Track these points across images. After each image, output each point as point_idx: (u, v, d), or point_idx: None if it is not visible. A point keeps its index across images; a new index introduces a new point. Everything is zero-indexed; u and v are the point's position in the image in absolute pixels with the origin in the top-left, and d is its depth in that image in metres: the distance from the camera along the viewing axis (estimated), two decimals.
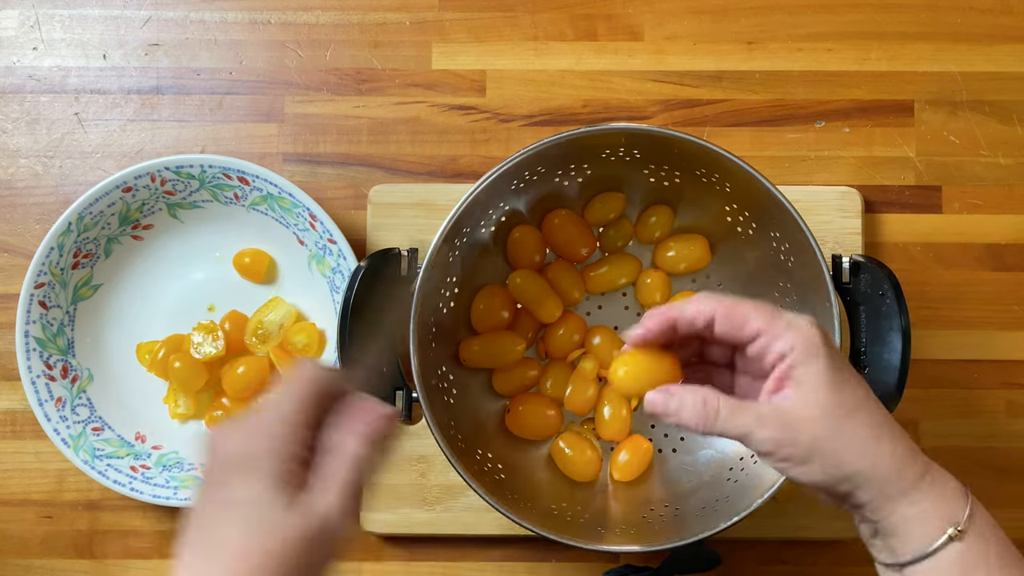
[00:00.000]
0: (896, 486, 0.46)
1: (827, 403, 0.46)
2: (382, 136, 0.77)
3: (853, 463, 0.46)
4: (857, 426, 0.46)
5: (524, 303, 0.71)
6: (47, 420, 0.70)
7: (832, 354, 0.47)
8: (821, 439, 0.46)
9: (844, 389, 0.47)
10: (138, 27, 0.78)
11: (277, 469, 0.43)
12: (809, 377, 0.46)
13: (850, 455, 0.46)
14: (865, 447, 0.46)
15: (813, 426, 0.46)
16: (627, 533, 0.63)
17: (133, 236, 0.75)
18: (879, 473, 0.46)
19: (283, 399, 0.45)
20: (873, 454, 0.46)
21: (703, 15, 0.78)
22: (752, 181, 0.61)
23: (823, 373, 0.46)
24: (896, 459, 0.46)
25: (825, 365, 0.46)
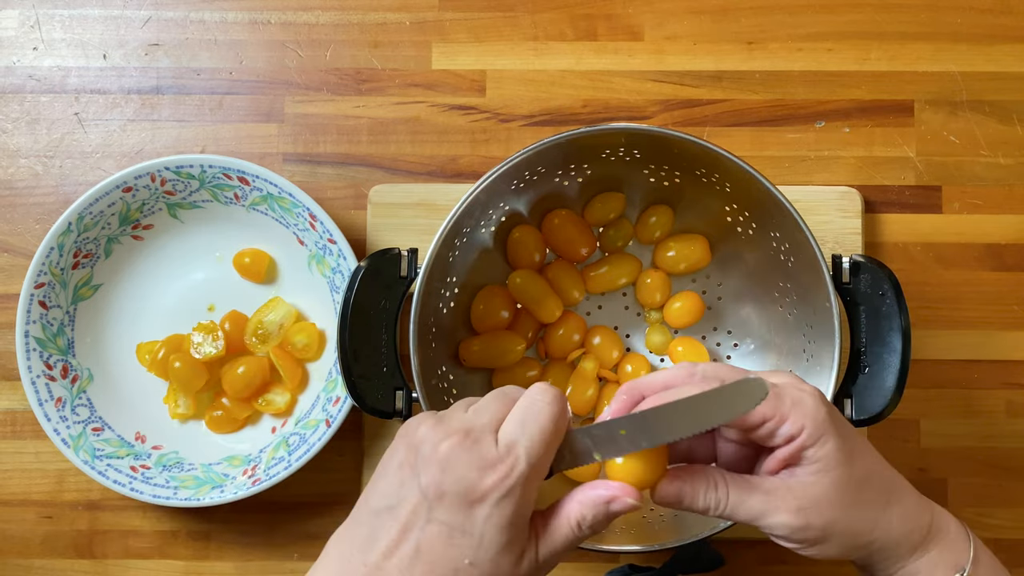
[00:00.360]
0: (906, 545, 0.47)
1: (840, 482, 0.45)
2: (382, 136, 0.77)
3: (867, 535, 0.46)
4: (869, 498, 0.46)
5: (524, 303, 0.71)
6: (47, 420, 0.70)
7: (840, 428, 0.46)
8: (836, 520, 0.45)
9: (854, 462, 0.46)
10: (138, 27, 0.78)
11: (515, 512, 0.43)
12: (821, 455, 0.45)
13: (864, 529, 0.46)
14: (878, 518, 0.46)
15: (829, 509, 0.45)
16: (627, 533, 0.63)
17: (133, 236, 0.75)
18: (892, 539, 0.46)
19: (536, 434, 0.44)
20: (887, 523, 0.46)
21: (703, 15, 0.78)
22: (752, 181, 0.61)
23: (834, 453, 0.45)
24: (907, 520, 0.47)
25: (836, 444, 0.45)
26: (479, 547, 0.43)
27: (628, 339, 0.74)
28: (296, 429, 0.72)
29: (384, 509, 0.44)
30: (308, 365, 0.75)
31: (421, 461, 0.44)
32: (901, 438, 0.75)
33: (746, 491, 0.46)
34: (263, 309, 0.74)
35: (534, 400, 0.45)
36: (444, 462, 0.43)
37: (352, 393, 0.62)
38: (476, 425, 0.45)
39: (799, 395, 0.46)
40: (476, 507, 0.43)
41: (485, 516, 0.43)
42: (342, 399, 0.70)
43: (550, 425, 0.45)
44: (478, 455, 0.43)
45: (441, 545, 0.43)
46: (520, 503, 0.43)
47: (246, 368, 0.73)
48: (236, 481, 0.71)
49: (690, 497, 0.46)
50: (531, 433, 0.44)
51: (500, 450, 0.44)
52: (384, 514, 0.44)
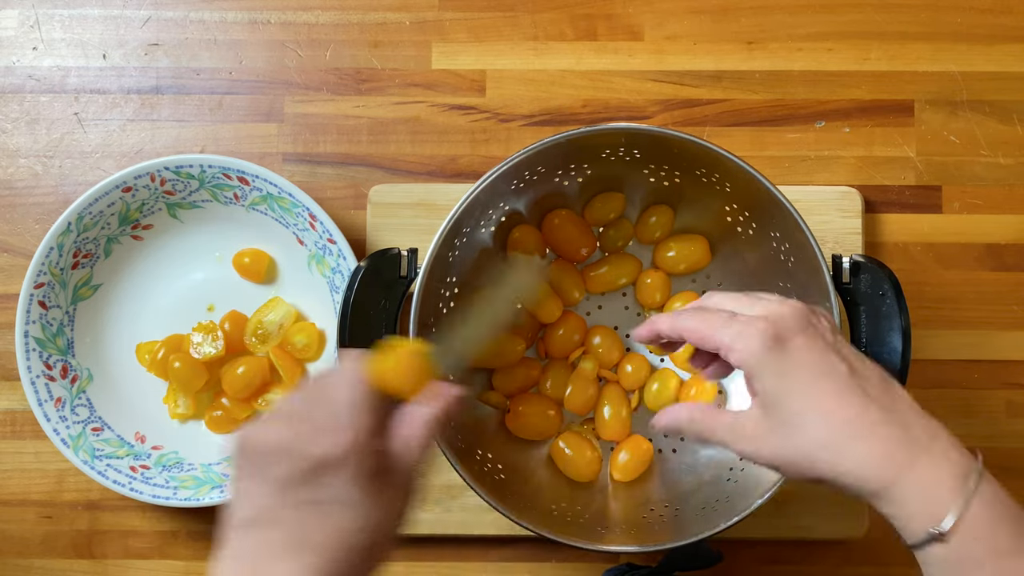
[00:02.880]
0: (866, 488, 0.46)
1: (779, 417, 0.47)
2: (382, 136, 0.77)
3: (814, 471, 0.47)
4: (812, 437, 0.46)
5: (524, 303, 0.71)
6: (47, 420, 0.70)
7: (780, 362, 0.47)
8: (778, 452, 0.48)
9: (796, 400, 0.47)
10: (138, 27, 0.78)
11: (363, 469, 0.45)
12: (760, 389, 0.48)
13: (808, 465, 0.47)
14: (821, 458, 0.46)
15: (769, 441, 0.48)
16: (627, 533, 0.63)
17: (133, 236, 0.75)
18: (843, 481, 0.46)
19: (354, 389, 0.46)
20: (831, 465, 0.46)
21: (703, 15, 0.78)
22: (752, 181, 0.61)
23: (770, 388, 0.47)
24: (863, 465, 0.46)
25: (772, 380, 0.47)
26: (348, 508, 0.45)
27: (628, 339, 0.74)
28: None
29: (248, 521, 0.45)
30: (308, 365, 0.75)
31: (258, 459, 0.46)
32: None
33: (713, 424, 0.50)
34: (263, 309, 0.74)
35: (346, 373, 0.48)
36: (277, 450, 0.45)
37: None
38: (295, 411, 0.47)
39: (744, 328, 0.48)
40: (325, 475, 0.44)
41: (339, 481, 0.44)
42: None
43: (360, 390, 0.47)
44: (305, 433, 0.45)
45: (316, 522, 0.44)
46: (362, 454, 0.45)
47: (246, 368, 0.73)
48: None
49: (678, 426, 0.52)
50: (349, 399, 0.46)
51: (323, 421, 0.46)
52: (249, 526, 0.45)
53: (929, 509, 0.45)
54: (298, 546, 0.44)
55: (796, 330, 0.48)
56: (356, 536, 0.45)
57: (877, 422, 0.46)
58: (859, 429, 0.46)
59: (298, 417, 0.46)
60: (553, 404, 0.71)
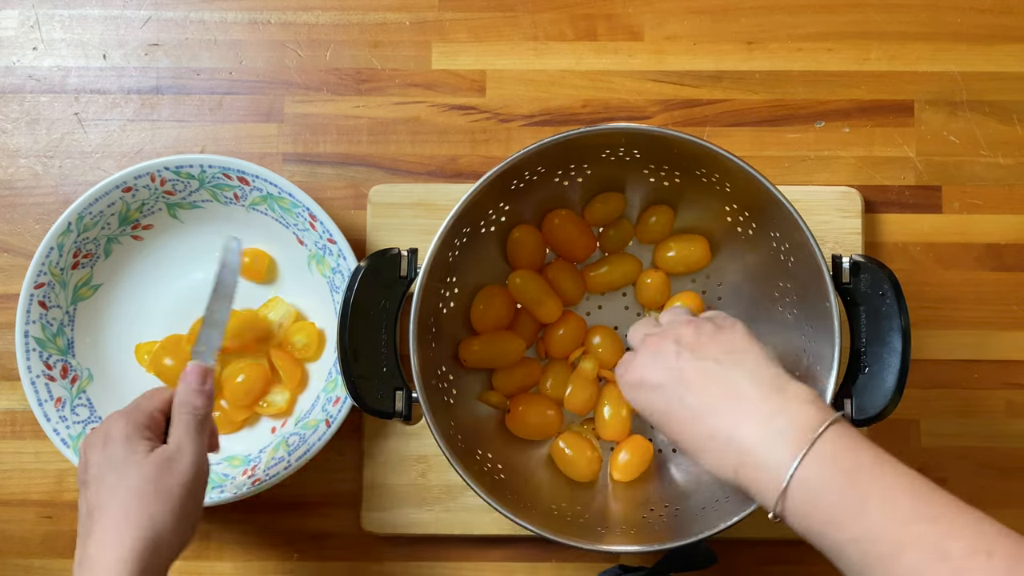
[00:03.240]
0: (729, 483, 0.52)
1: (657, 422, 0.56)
2: (382, 136, 0.77)
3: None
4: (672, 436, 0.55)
5: (524, 303, 0.71)
6: (47, 420, 0.70)
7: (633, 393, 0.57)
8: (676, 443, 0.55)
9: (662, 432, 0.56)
10: (138, 27, 0.78)
11: (125, 431, 0.57)
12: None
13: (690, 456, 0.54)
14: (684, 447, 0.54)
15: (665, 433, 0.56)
16: (627, 533, 0.63)
17: (133, 236, 0.75)
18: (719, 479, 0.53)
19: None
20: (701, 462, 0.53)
21: (703, 15, 0.78)
22: (752, 181, 0.61)
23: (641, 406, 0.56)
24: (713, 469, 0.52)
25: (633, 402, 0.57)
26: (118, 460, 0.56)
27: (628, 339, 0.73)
28: (296, 429, 0.72)
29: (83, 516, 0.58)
30: (308, 365, 0.75)
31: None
32: (901, 438, 0.75)
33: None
34: (262, 309, 0.74)
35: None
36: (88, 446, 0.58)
37: (352, 393, 0.62)
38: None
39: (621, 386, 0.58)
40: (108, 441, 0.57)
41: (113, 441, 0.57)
42: (342, 399, 0.70)
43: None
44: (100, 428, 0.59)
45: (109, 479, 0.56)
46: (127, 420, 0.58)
47: (246, 376, 0.73)
48: (236, 481, 0.71)
49: None
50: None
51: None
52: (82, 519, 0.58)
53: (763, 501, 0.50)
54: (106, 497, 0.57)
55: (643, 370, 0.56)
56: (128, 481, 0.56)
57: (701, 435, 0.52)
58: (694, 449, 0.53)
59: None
60: (553, 404, 0.71)
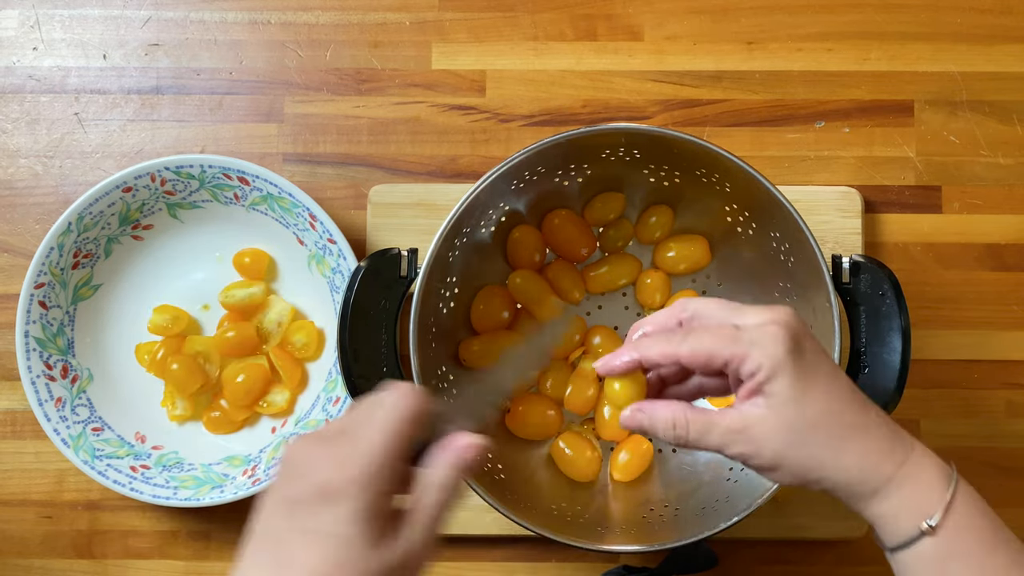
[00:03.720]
0: (864, 488, 0.47)
1: (790, 417, 0.47)
2: (382, 136, 0.77)
3: (816, 471, 0.48)
4: (820, 437, 0.48)
5: (524, 303, 0.71)
6: (47, 420, 0.70)
7: (800, 368, 0.48)
8: (784, 453, 0.48)
9: (808, 402, 0.47)
10: (138, 27, 0.78)
11: (367, 504, 0.43)
12: (774, 391, 0.48)
13: (815, 465, 0.48)
14: (828, 458, 0.48)
15: (774, 441, 0.48)
16: (627, 533, 0.63)
17: (133, 236, 0.75)
18: (843, 480, 0.48)
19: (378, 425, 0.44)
20: (834, 464, 0.48)
21: (703, 15, 0.78)
22: (752, 181, 0.61)
23: (786, 389, 0.47)
24: (863, 464, 0.47)
25: (789, 382, 0.47)
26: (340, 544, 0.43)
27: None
28: (296, 429, 0.72)
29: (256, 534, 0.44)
30: (308, 365, 0.75)
31: (286, 473, 0.44)
32: None
33: (708, 425, 0.49)
34: (261, 309, 0.74)
35: (380, 396, 0.46)
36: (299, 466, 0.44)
37: (352, 393, 0.62)
38: (331, 427, 0.45)
39: (759, 335, 0.48)
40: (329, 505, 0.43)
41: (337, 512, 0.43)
42: (342, 399, 0.70)
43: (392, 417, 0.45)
44: (329, 453, 0.44)
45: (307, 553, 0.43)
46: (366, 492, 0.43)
47: (246, 376, 0.72)
48: (236, 481, 0.71)
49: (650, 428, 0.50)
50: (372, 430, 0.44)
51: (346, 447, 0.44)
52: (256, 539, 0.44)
53: (919, 505, 0.47)
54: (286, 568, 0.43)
55: (804, 333, 0.49)
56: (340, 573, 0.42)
57: (872, 424, 0.48)
58: (861, 430, 0.48)
59: (327, 439, 0.45)
60: (553, 404, 0.71)
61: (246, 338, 0.73)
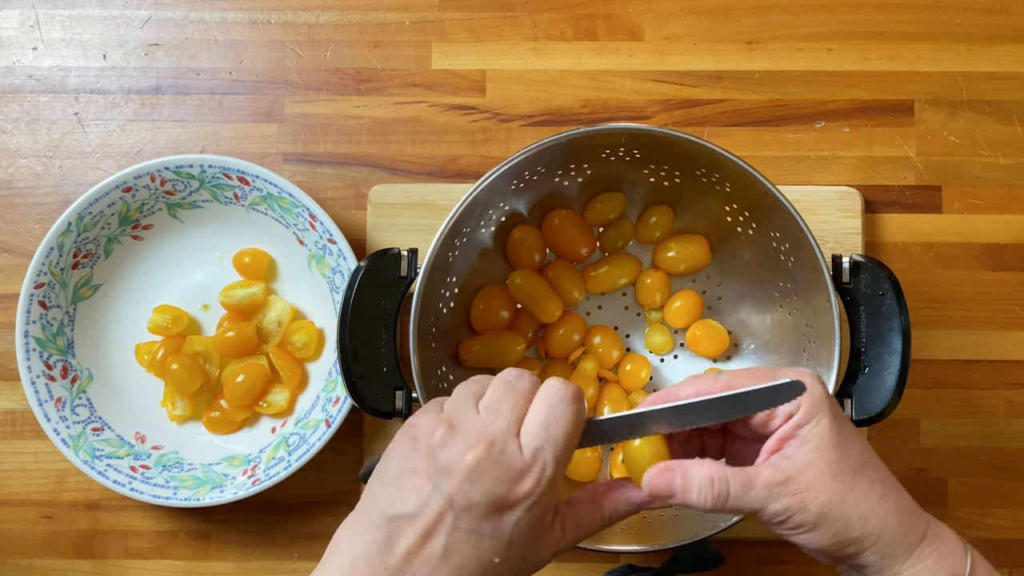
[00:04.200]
0: (901, 546, 0.46)
1: (834, 462, 0.45)
2: (382, 136, 0.77)
3: (862, 527, 0.45)
4: (864, 485, 0.46)
5: (524, 303, 0.71)
6: (47, 420, 0.70)
7: (835, 409, 0.47)
8: (831, 504, 0.45)
9: (848, 446, 0.46)
10: (138, 27, 0.78)
11: (533, 519, 0.44)
12: (815, 435, 0.46)
13: (859, 518, 0.45)
14: (873, 508, 0.45)
15: (823, 491, 0.45)
16: (627, 533, 0.63)
17: (133, 236, 0.75)
18: (886, 535, 0.45)
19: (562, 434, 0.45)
20: (881, 516, 0.45)
21: (703, 15, 0.78)
22: (752, 181, 0.61)
23: (828, 431, 0.46)
24: (902, 517, 0.46)
25: (830, 422, 0.46)
26: (508, 548, 0.44)
27: (628, 339, 0.74)
28: (296, 429, 0.72)
29: (403, 516, 0.45)
30: (308, 365, 0.75)
31: (441, 470, 0.44)
32: (901, 438, 0.75)
33: (749, 484, 0.46)
34: (260, 309, 0.74)
35: (554, 402, 0.46)
36: (471, 474, 0.43)
37: (352, 393, 0.62)
38: (497, 432, 0.44)
39: (804, 376, 0.47)
40: (505, 514, 0.44)
41: (514, 522, 0.44)
42: (342, 399, 0.70)
43: (573, 427, 0.45)
44: (505, 466, 0.44)
45: (469, 548, 0.44)
46: (547, 504, 0.45)
47: (246, 376, 0.72)
48: (236, 481, 0.71)
49: (682, 490, 0.46)
50: (556, 438, 0.45)
51: (527, 458, 0.44)
52: (403, 520, 0.45)
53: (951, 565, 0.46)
54: (441, 561, 0.44)
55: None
56: (497, 569, 0.44)
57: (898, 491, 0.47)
58: (895, 482, 0.47)
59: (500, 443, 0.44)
60: None
61: (246, 338, 0.73)
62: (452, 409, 0.46)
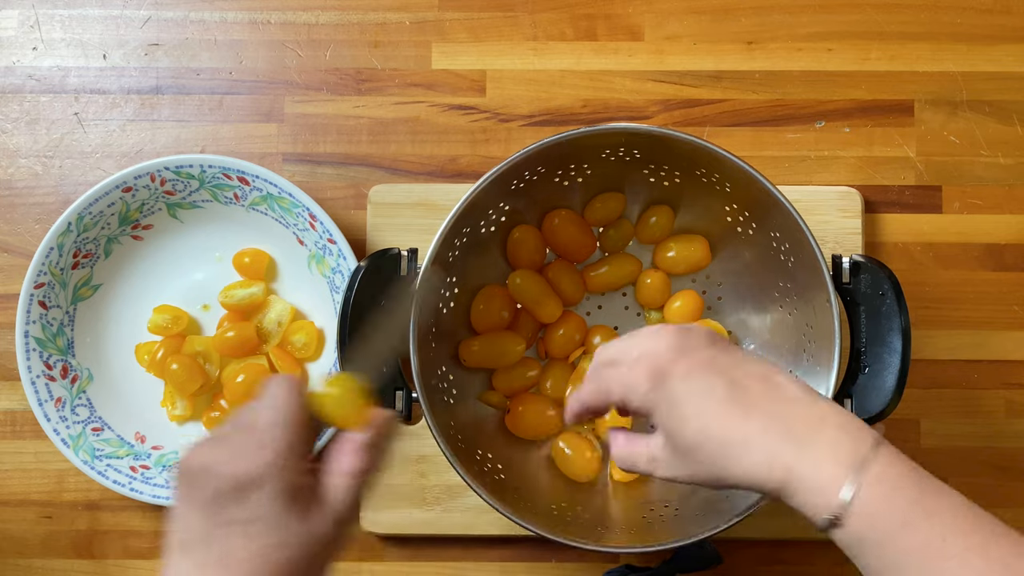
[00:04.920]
0: (770, 487, 0.47)
1: (672, 444, 0.50)
2: (382, 136, 0.77)
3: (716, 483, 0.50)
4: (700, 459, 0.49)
5: (524, 303, 0.71)
6: (47, 420, 0.70)
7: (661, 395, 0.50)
8: (691, 471, 0.50)
9: (684, 429, 0.49)
10: (138, 27, 0.78)
11: (284, 486, 0.45)
12: (658, 423, 0.50)
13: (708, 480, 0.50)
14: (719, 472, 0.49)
15: (677, 464, 0.51)
16: (627, 533, 0.63)
17: (133, 236, 0.75)
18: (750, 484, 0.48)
19: (273, 413, 0.47)
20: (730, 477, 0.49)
21: (703, 15, 0.78)
22: (752, 181, 0.61)
23: (662, 421, 0.50)
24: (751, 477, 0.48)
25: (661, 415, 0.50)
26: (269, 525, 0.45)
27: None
28: None
29: (182, 544, 0.46)
30: (308, 365, 0.75)
31: (188, 481, 0.46)
32: (901, 438, 0.75)
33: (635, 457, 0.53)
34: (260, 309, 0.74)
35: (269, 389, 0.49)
36: (206, 467, 0.45)
37: None
38: (224, 430, 0.48)
39: (631, 376, 0.50)
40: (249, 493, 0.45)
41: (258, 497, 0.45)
42: None
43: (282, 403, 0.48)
44: (227, 449, 0.46)
45: (239, 542, 0.45)
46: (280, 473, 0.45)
47: (246, 376, 0.72)
48: None
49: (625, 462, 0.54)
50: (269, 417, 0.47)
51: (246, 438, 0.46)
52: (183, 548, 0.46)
53: (822, 498, 0.45)
54: (223, 565, 0.44)
55: (673, 359, 0.50)
56: (278, 552, 0.45)
57: (756, 430, 0.48)
58: (742, 442, 0.48)
59: (224, 439, 0.47)
60: (553, 404, 0.71)
61: (246, 338, 0.73)
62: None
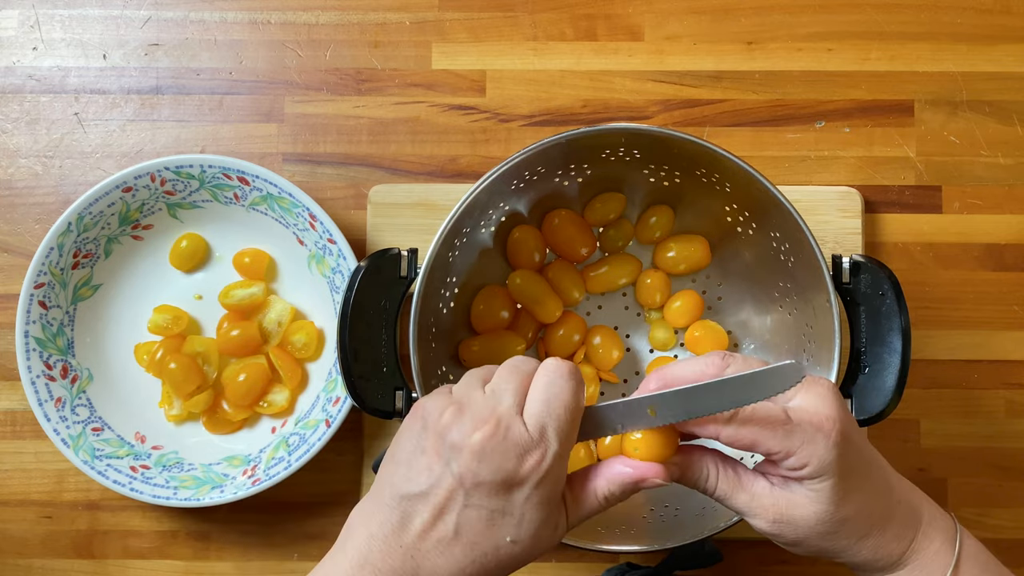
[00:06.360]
0: (882, 564, 0.49)
1: (821, 517, 0.48)
2: (382, 136, 0.77)
3: (835, 556, 0.49)
4: (846, 532, 0.48)
5: (524, 303, 0.71)
6: (47, 420, 0.70)
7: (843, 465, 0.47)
8: (806, 538, 0.48)
9: (844, 504, 0.48)
10: (138, 27, 0.78)
11: (553, 489, 0.46)
12: (817, 488, 0.47)
13: (832, 552, 0.49)
14: (847, 548, 0.49)
15: (802, 529, 0.48)
16: (627, 533, 0.63)
17: (133, 236, 0.75)
18: (859, 563, 0.49)
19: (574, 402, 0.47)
20: (855, 553, 0.49)
21: (703, 15, 0.78)
22: (752, 181, 0.61)
23: (828, 490, 0.47)
24: (878, 551, 0.48)
25: (832, 485, 0.47)
26: (519, 525, 0.46)
27: (628, 339, 0.74)
28: (296, 429, 0.72)
29: (416, 495, 0.46)
30: (308, 365, 0.75)
31: (451, 450, 0.46)
32: (901, 438, 0.75)
33: (735, 488, 0.49)
34: (261, 309, 0.74)
35: (553, 378, 0.47)
36: (479, 453, 0.45)
37: (352, 393, 0.62)
38: (502, 411, 0.46)
39: (813, 433, 0.47)
40: (515, 491, 0.45)
41: (524, 498, 0.45)
42: (342, 399, 0.70)
43: (573, 401, 0.47)
44: (512, 443, 0.45)
45: (481, 525, 0.45)
46: (555, 481, 0.46)
47: (247, 376, 0.72)
48: (236, 481, 0.71)
49: (686, 478, 0.50)
50: (557, 413, 0.46)
51: (532, 434, 0.46)
52: (416, 499, 0.46)
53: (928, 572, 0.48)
54: (453, 540, 0.45)
55: (852, 426, 0.48)
56: (510, 548, 0.46)
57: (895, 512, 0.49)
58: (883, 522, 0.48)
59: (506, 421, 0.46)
60: None
61: (247, 338, 0.73)
62: (460, 392, 0.48)
